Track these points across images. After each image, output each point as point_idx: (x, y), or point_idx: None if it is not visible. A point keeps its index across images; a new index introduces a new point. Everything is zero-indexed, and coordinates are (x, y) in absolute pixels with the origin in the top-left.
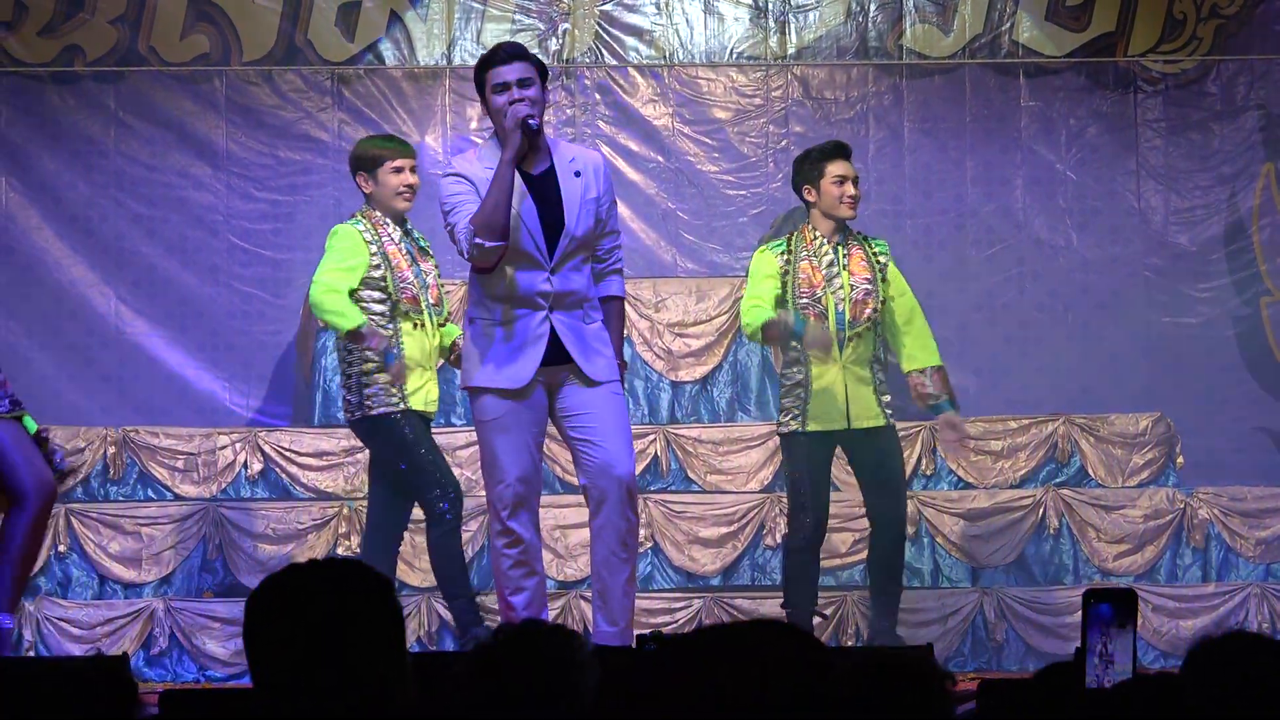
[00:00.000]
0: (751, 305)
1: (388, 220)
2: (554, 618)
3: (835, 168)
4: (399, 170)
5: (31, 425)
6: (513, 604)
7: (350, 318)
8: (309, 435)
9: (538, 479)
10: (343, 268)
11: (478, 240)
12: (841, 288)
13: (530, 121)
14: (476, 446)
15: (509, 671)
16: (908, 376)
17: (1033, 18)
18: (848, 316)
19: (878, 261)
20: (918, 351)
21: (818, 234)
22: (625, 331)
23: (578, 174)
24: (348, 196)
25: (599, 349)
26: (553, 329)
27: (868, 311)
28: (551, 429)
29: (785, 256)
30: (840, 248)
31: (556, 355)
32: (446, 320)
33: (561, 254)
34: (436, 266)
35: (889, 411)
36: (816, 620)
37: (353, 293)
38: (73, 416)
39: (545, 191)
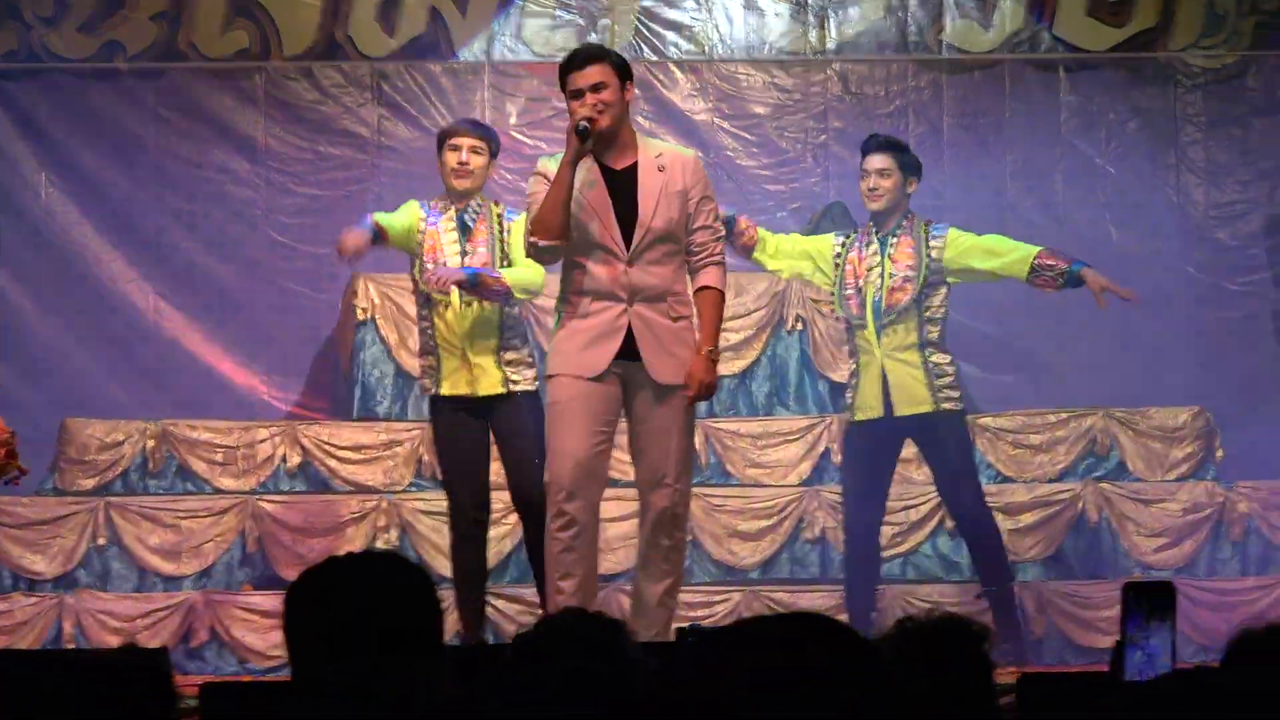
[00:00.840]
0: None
1: (450, 203)
2: None
3: (863, 163)
4: (455, 148)
5: None
6: (561, 588)
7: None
8: (348, 429)
9: (600, 468)
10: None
11: (532, 239)
12: (880, 276)
13: (581, 125)
14: None
15: (553, 662)
16: (1031, 284)
17: (1073, 13)
18: (883, 305)
19: (928, 251)
20: (1011, 261)
21: (871, 225)
22: None
23: (661, 169)
24: (387, 191)
25: (673, 350)
26: (630, 324)
27: (903, 299)
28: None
29: (840, 248)
30: (890, 238)
31: (633, 350)
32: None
33: (638, 246)
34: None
35: (943, 396)
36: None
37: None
38: (112, 410)
39: (624, 186)
